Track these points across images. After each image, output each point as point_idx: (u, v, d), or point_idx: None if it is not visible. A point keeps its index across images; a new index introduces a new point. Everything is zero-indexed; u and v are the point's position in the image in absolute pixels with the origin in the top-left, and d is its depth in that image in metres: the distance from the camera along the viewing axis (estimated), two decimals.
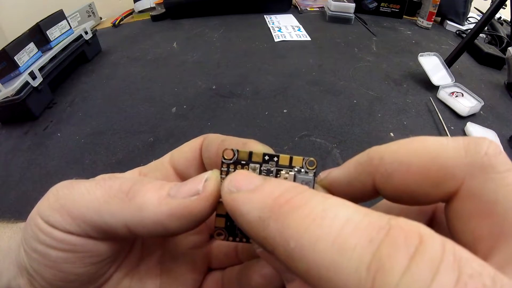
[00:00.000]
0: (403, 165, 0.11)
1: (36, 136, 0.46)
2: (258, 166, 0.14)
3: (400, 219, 0.09)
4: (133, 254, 0.18)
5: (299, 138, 0.44)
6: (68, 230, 0.13)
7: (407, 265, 0.08)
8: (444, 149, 0.11)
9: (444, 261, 0.08)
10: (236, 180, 0.12)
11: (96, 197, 0.13)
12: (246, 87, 0.55)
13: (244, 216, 0.11)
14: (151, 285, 0.17)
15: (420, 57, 0.58)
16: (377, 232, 0.09)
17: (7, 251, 0.16)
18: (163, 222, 0.13)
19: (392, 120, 0.48)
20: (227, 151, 0.14)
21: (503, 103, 0.55)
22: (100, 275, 0.15)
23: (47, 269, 0.14)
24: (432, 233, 0.09)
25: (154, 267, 0.18)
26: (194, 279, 0.19)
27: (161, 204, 0.13)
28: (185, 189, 0.13)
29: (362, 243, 0.09)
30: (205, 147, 0.17)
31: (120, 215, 0.13)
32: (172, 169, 0.18)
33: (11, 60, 0.48)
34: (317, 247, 0.09)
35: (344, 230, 0.09)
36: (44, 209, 0.14)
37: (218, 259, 0.20)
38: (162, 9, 0.84)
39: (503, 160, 0.10)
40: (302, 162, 0.14)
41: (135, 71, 0.61)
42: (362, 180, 0.13)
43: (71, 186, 0.14)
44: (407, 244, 0.08)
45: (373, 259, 0.08)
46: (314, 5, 0.93)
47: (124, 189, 0.13)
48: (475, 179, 0.10)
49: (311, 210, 0.10)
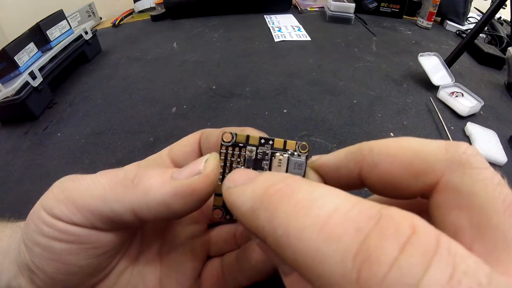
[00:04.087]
0: (389, 156, 0.12)
1: (36, 136, 0.46)
2: (254, 149, 0.15)
3: (392, 209, 0.09)
4: (133, 247, 0.18)
5: (299, 138, 0.44)
6: (73, 221, 0.13)
7: (396, 256, 0.08)
8: (427, 146, 0.12)
9: (437, 255, 0.07)
10: (234, 177, 0.13)
11: (102, 186, 0.14)
12: (246, 87, 0.55)
13: (238, 208, 0.12)
14: (151, 276, 0.18)
15: (420, 57, 0.58)
16: (366, 222, 0.08)
17: (7, 250, 0.16)
18: (168, 202, 0.13)
19: (392, 120, 0.48)
20: (226, 134, 0.15)
21: (503, 103, 0.55)
22: (103, 268, 0.16)
23: (50, 262, 0.14)
24: (426, 224, 0.08)
25: (154, 258, 0.18)
26: (193, 267, 0.19)
27: (165, 185, 0.13)
28: (187, 171, 0.14)
29: (349, 233, 0.08)
30: (204, 139, 0.18)
31: (127, 200, 0.13)
32: (171, 163, 0.19)
33: (11, 60, 0.48)
34: (303, 235, 0.09)
35: (332, 219, 0.09)
36: (48, 201, 0.14)
37: (217, 246, 0.20)
38: (162, 9, 0.84)
39: (480, 159, 0.11)
40: (295, 145, 0.15)
41: (135, 71, 0.61)
42: (350, 167, 0.13)
43: (75, 178, 0.15)
44: (398, 234, 0.08)
45: (360, 249, 0.08)
46: (314, 5, 0.93)
47: (129, 176, 0.14)
48: (453, 173, 0.11)
49: (300, 199, 0.10)
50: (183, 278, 0.18)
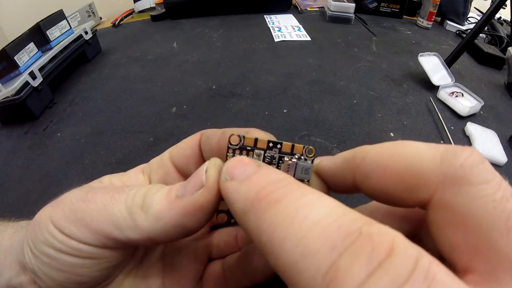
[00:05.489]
0: (380, 168, 0.12)
1: (36, 136, 0.46)
2: (262, 152, 0.15)
3: (374, 226, 0.09)
4: (137, 251, 0.18)
5: (299, 138, 0.44)
6: (86, 241, 0.13)
7: (363, 281, 0.07)
8: (420, 157, 0.11)
9: (410, 280, 0.07)
10: (231, 168, 0.13)
11: (114, 213, 0.14)
12: (246, 87, 0.55)
13: (232, 205, 0.12)
14: (154, 279, 0.18)
15: (420, 57, 0.58)
16: (342, 239, 0.08)
17: (9, 249, 0.16)
18: (180, 223, 0.13)
19: (392, 120, 0.48)
20: (233, 137, 0.14)
21: (503, 103, 0.55)
22: (111, 275, 0.16)
23: (59, 272, 0.14)
24: (407, 246, 0.08)
25: (157, 261, 0.18)
26: (196, 269, 0.19)
27: (173, 207, 0.13)
28: (190, 186, 0.14)
29: (324, 250, 0.08)
30: (204, 141, 0.17)
31: (142, 229, 0.13)
32: (172, 166, 0.19)
33: (11, 60, 0.48)
34: (284, 245, 0.09)
35: (311, 232, 0.09)
36: (59, 218, 0.14)
37: (218, 249, 0.20)
38: (162, 9, 0.84)
39: (480, 172, 0.10)
40: (303, 150, 0.15)
41: (135, 71, 0.61)
42: (345, 175, 0.13)
43: (86, 199, 0.14)
44: (371, 256, 0.08)
45: (331, 268, 0.08)
46: (314, 5, 0.93)
47: (137, 202, 0.14)
48: (447, 190, 0.10)
49: (286, 206, 0.10)
50: (186, 280, 0.18)
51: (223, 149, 0.15)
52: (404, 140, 0.12)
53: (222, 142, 0.16)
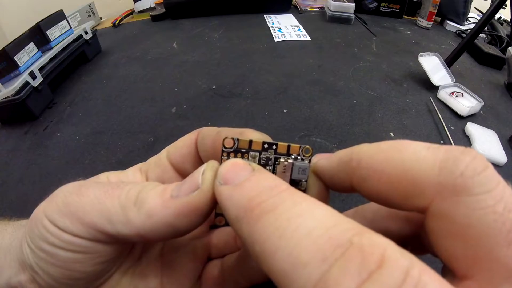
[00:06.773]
0: (376, 173, 0.11)
1: (36, 136, 0.46)
2: (257, 154, 0.14)
3: (365, 236, 0.09)
4: (136, 248, 0.18)
5: (299, 138, 0.44)
6: (78, 234, 0.14)
7: None
8: (418, 164, 0.10)
9: None
10: (225, 172, 0.12)
11: (106, 207, 0.14)
12: (246, 87, 0.55)
13: (225, 211, 0.12)
14: (152, 277, 0.18)
15: (420, 57, 0.58)
16: (333, 251, 0.08)
17: (8, 248, 0.16)
18: (172, 223, 0.13)
19: (392, 120, 0.48)
20: (227, 140, 0.14)
21: (503, 103, 0.55)
22: (106, 272, 0.16)
23: (55, 268, 0.14)
24: (398, 256, 0.08)
25: (155, 259, 0.18)
26: (194, 268, 0.19)
27: (166, 206, 0.13)
28: (185, 187, 0.13)
29: (315, 262, 0.08)
30: (200, 141, 0.17)
31: (133, 225, 0.13)
32: (169, 165, 0.19)
33: (11, 60, 0.48)
34: (276, 256, 0.09)
35: (302, 243, 0.09)
36: (52, 212, 0.14)
37: (217, 248, 0.20)
38: (162, 9, 0.84)
39: (481, 181, 0.09)
40: (299, 149, 0.14)
41: (135, 71, 0.61)
42: (342, 177, 0.13)
43: (79, 193, 0.14)
44: (361, 267, 0.08)
45: (320, 281, 0.08)
46: (314, 5, 0.93)
47: (131, 197, 0.14)
48: (445, 200, 0.10)
49: (277, 217, 0.10)
50: (184, 279, 0.18)
51: (217, 150, 0.15)
52: (404, 140, 0.11)
53: (216, 143, 0.16)
